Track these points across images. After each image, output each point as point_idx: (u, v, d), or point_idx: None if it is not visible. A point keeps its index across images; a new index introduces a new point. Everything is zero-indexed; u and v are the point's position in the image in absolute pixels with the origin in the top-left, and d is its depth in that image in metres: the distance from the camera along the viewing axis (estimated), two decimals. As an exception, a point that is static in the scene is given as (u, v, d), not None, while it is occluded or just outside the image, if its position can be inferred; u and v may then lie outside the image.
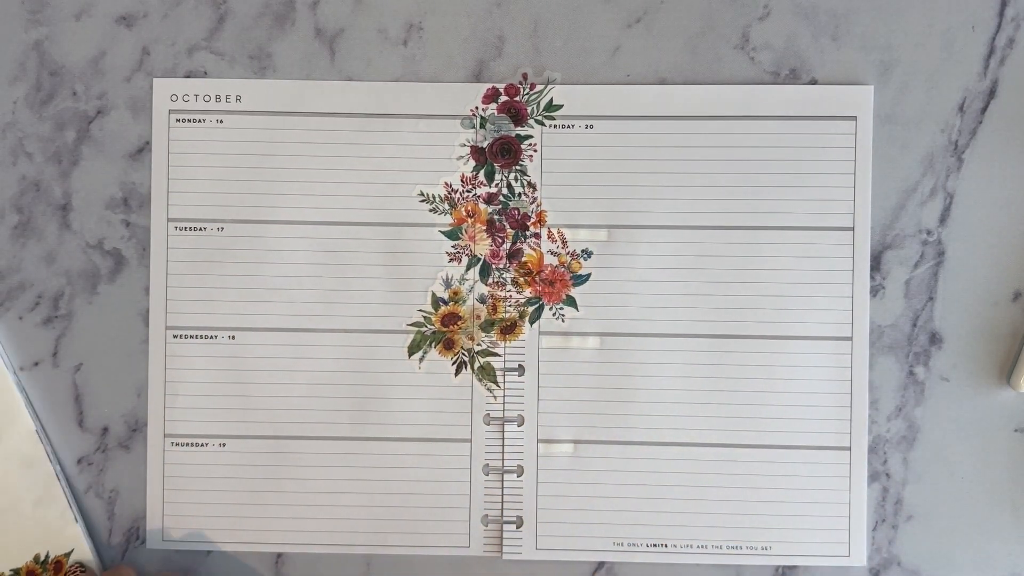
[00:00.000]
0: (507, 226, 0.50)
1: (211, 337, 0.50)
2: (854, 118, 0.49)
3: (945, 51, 0.49)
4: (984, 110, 0.49)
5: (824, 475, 0.49)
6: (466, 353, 0.50)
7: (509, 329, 0.50)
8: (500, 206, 0.50)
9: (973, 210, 0.49)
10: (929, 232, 0.49)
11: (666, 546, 0.49)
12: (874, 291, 0.49)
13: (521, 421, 0.50)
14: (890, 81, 0.49)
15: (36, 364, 0.50)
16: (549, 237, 0.50)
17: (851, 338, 0.49)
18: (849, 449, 0.49)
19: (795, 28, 0.49)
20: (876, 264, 0.49)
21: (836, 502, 0.49)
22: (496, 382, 0.50)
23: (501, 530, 0.50)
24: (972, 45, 0.49)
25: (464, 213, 0.50)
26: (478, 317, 0.49)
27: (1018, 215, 0.49)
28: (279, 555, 0.50)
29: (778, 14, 0.49)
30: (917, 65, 0.49)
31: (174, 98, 0.50)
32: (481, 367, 0.50)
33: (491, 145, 0.49)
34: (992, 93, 0.49)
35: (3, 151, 0.50)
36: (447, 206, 0.49)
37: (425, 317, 0.50)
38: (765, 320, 0.49)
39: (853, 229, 0.49)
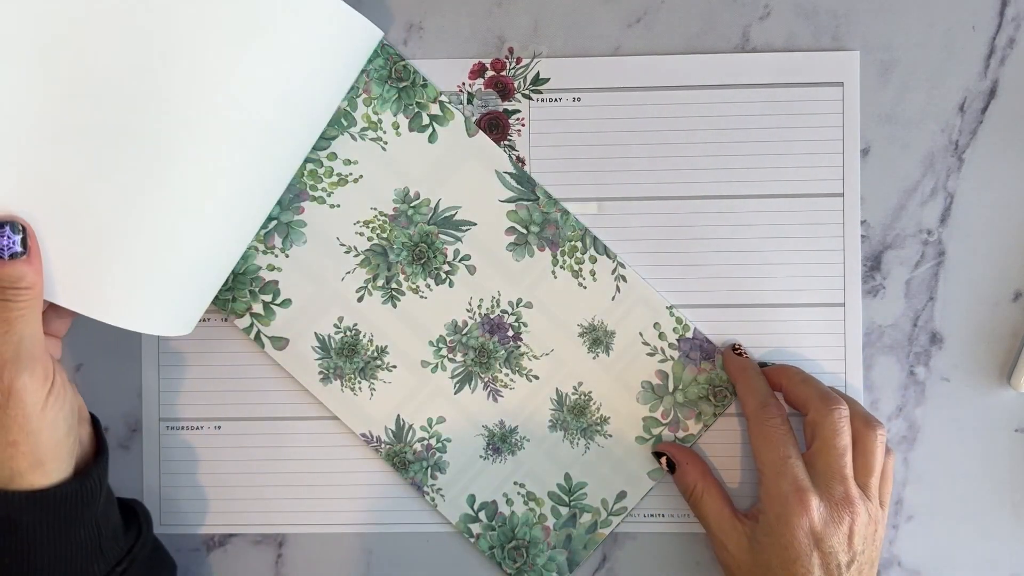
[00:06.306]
0: None
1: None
2: (840, 84, 0.49)
3: (945, 51, 0.49)
4: (984, 110, 0.49)
5: None
6: None
7: None
8: None
9: (973, 210, 0.49)
10: (929, 232, 0.49)
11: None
12: (874, 291, 0.49)
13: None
14: (890, 81, 0.49)
15: (36, 364, 0.50)
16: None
17: (843, 304, 0.49)
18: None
19: (795, 28, 0.49)
20: (876, 264, 0.49)
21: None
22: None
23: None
24: (972, 45, 0.49)
25: None
26: None
27: (1018, 215, 0.49)
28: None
29: (778, 14, 0.49)
30: (917, 65, 0.49)
31: None
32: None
33: (479, 121, 0.49)
34: (992, 93, 0.49)
35: (3, 151, 0.50)
36: None
37: None
38: (757, 289, 0.49)
39: (843, 195, 0.49)
